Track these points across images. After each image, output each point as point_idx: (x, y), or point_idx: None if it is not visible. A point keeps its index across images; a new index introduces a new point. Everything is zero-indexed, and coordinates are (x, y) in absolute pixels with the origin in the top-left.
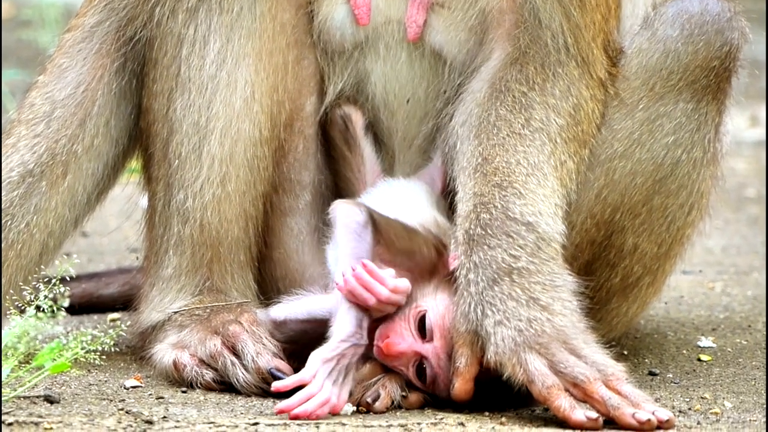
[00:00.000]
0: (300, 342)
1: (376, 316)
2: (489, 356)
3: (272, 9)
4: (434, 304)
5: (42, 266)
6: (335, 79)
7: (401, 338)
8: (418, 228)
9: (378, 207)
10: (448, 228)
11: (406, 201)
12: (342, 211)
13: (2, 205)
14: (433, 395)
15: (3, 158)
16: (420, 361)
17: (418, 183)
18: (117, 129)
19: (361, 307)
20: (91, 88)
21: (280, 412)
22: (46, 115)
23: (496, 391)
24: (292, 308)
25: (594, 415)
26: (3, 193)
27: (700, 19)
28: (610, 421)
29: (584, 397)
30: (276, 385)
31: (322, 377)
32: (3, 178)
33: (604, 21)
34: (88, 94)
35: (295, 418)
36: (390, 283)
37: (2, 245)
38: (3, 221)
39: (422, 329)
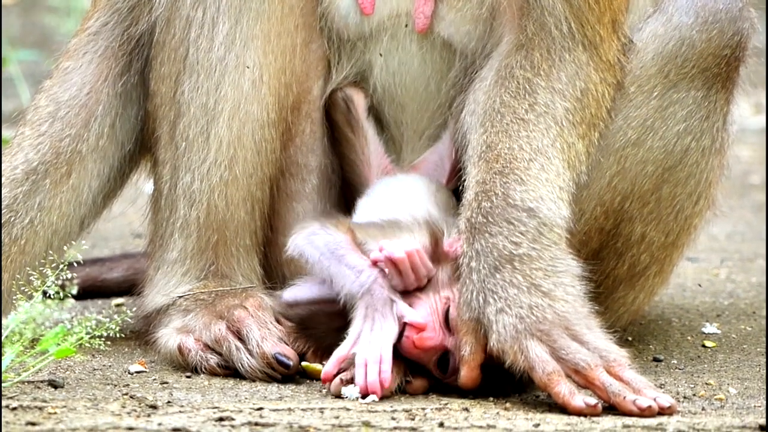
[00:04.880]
0: (312, 322)
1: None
2: (491, 344)
3: None
4: (453, 294)
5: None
6: (339, 68)
7: (433, 332)
8: (404, 223)
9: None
10: (440, 218)
11: (400, 197)
12: (301, 237)
13: (6, 202)
14: (437, 380)
15: (8, 158)
16: (444, 352)
17: (416, 177)
18: (123, 131)
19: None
20: (95, 89)
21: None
22: (50, 115)
23: (505, 377)
24: (303, 290)
25: (593, 401)
26: (7, 191)
27: (713, 7)
28: (613, 407)
29: (586, 383)
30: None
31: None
32: (7, 176)
33: None
34: (93, 95)
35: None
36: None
37: (6, 240)
38: (7, 217)
39: (447, 321)
